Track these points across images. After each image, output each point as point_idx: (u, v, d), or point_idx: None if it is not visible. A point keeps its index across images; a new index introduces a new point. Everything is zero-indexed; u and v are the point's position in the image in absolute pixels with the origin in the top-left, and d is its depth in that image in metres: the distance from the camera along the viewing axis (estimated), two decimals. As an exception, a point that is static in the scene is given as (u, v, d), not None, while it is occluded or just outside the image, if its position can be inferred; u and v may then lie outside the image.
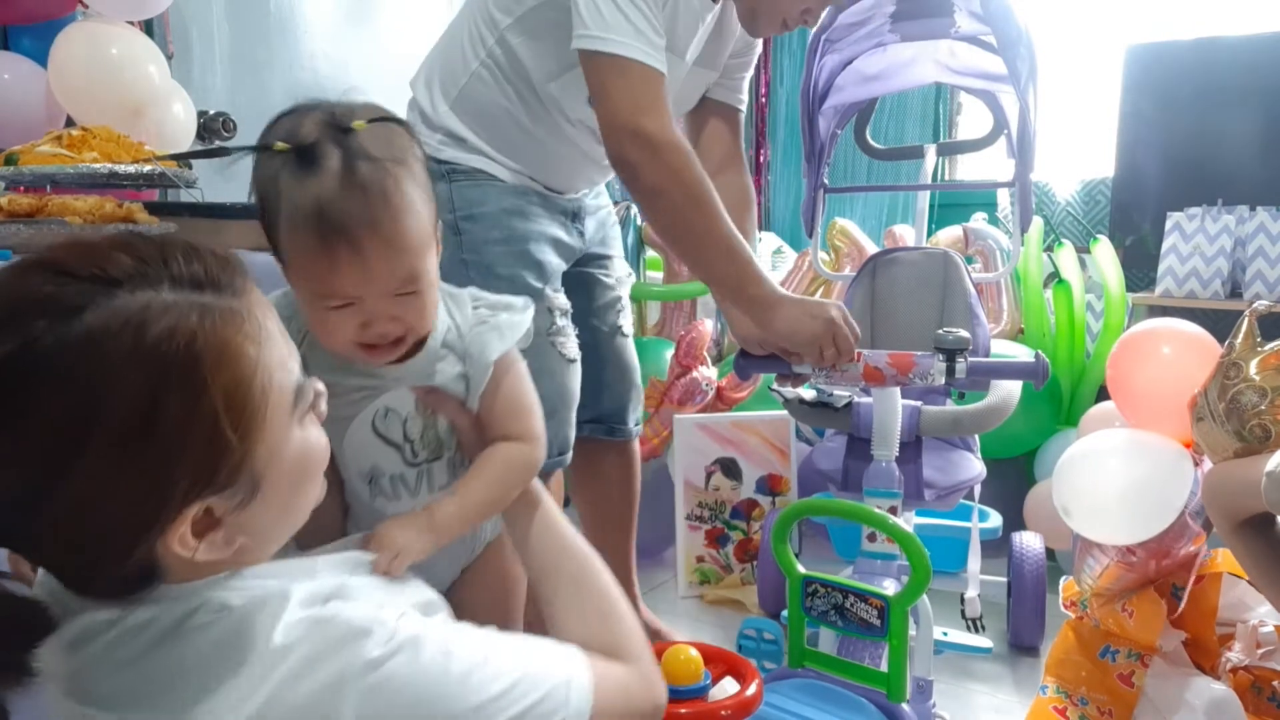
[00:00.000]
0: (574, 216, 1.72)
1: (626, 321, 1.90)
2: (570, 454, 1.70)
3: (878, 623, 1.22)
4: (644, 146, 1.37)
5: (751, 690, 0.96)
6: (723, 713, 0.94)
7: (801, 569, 1.29)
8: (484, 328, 0.95)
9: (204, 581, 0.66)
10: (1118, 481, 1.55)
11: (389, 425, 0.93)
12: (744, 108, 1.82)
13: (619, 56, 1.37)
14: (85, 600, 0.64)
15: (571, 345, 1.64)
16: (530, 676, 0.73)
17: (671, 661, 0.95)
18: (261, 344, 0.64)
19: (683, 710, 0.93)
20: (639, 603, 1.97)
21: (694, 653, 0.97)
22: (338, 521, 0.96)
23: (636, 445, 1.97)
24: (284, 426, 0.66)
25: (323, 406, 0.72)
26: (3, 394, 0.56)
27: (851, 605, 1.23)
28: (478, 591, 1.07)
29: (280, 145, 0.82)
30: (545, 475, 1.65)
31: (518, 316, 0.97)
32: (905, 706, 1.21)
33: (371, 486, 0.96)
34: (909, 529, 1.29)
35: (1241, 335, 1.26)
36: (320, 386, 0.72)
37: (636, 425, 1.94)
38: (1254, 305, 1.29)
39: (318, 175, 0.82)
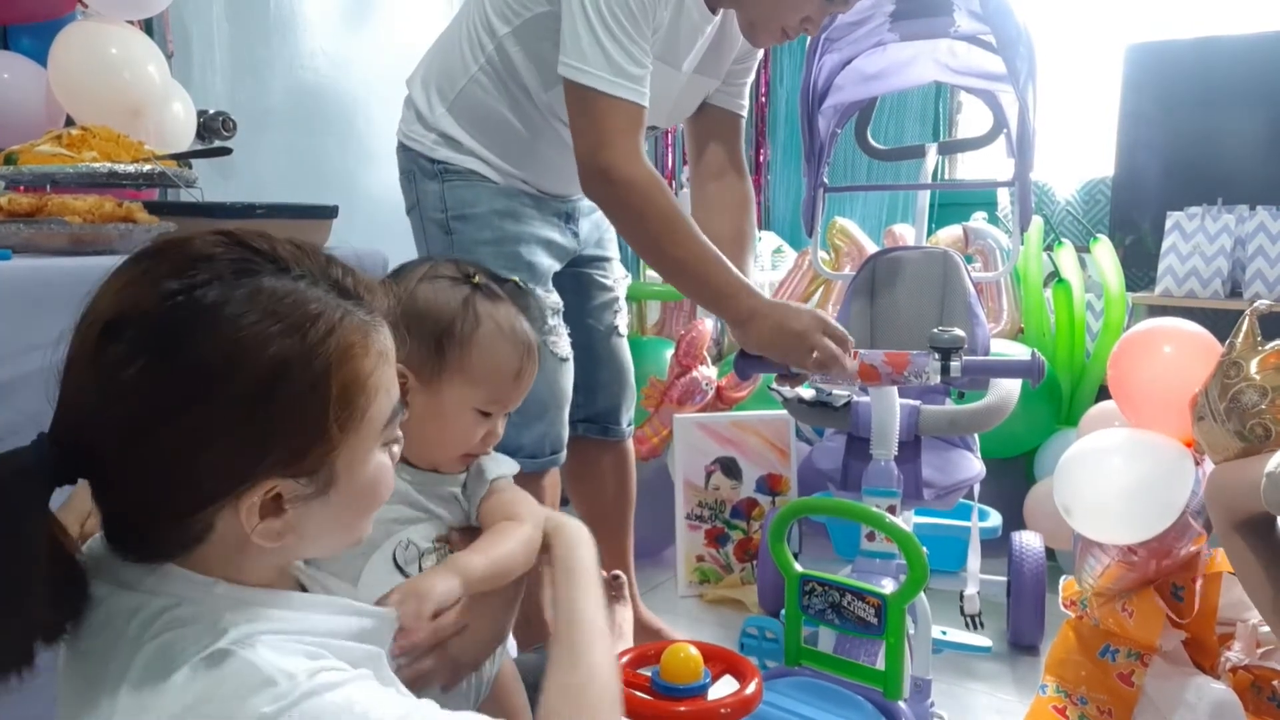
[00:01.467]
0: (567, 218, 1.73)
1: (622, 322, 1.91)
2: (564, 453, 1.70)
3: (875, 621, 1.22)
4: (605, 183, 1.42)
5: (751, 689, 0.96)
6: (722, 710, 0.94)
7: (799, 568, 1.30)
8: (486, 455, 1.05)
9: (202, 580, 0.66)
10: (1119, 481, 1.55)
11: (408, 558, 0.98)
12: (745, 113, 1.82)
13: (589, 89, 1.40)
14: (115, 563, 0.67)
15: (564, 344, 1.65)
16: None
17: (671, 659, 0.95)
18: (378, 360, 0.69)
19: (682, 708, 0.93)
20: (638, 602, 1.97)
21: (693, 651, 0.97)
22: None
23: (630, 445, 1.98)
24: (371, 441, 0.70)
25: (396, 450, 0.76)
26: (160, 327, 0.63)
27: (849, 604, 1.24)
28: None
29: (478, 277, 1.00)
30: (540, 474, 1.66)
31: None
32: (902, 705, 1.21)
33: None
34: (907, 528, 1.29)
35: (1242, 335, 1.26)
36: (399, 433, 0.75)
37: (630, 425, 1.95)
38: (1255, 305, 1.29)
39: (505, 304, 1.00)
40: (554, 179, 1.66)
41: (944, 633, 2.00)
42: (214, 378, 0.62)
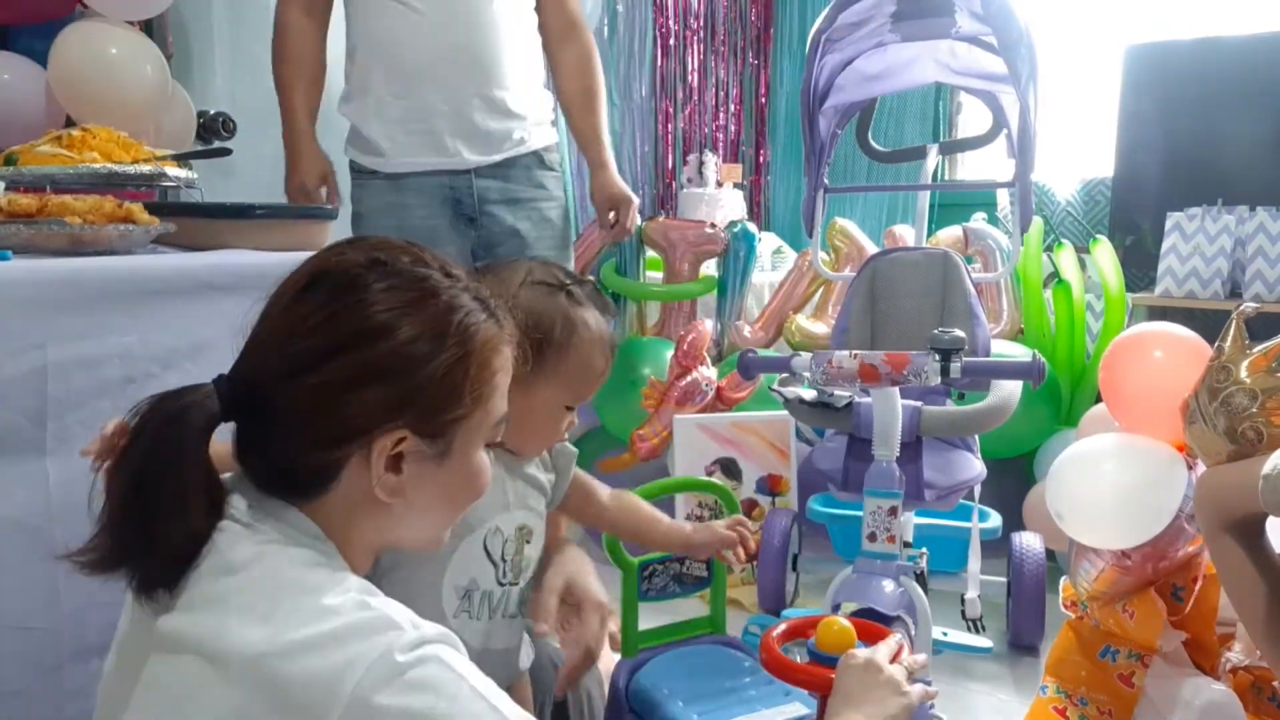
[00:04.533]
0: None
1: None
2: None
3: (706, 574, 1.41)
4: None
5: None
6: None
7: (631, 557, 1.36)
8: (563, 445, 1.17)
9: (318, 531, 0.76)
10: (1111, 486, 1.55)
11: (494, 543, 1.07)
12: None
13: None
14: (248, 492, 0.77)
15: None
16: None
17: (825, 632, 1.02)
18: (504, 365, 0.82)
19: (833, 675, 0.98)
20: None
21: (846, 623, 1.03)
22: None
23: None
24: (486, 430, 0.81)
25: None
26: (351, 282, 0.76)
27: (686, 568, 1.38)
28: None
29: (570, 283, 1.08)
30: None
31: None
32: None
33: (463, 600, 1.06)
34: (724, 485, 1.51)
35: (1230, 338, 1.26)
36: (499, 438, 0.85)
37: None
38: (1241, 307, 1.29)
39: (593, 309, 1.09)
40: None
41: (944, 634, 1.99)
42: (384, 329, 0.75)
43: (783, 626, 1.09)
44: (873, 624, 1.09)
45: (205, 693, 0.68)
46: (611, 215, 2.07)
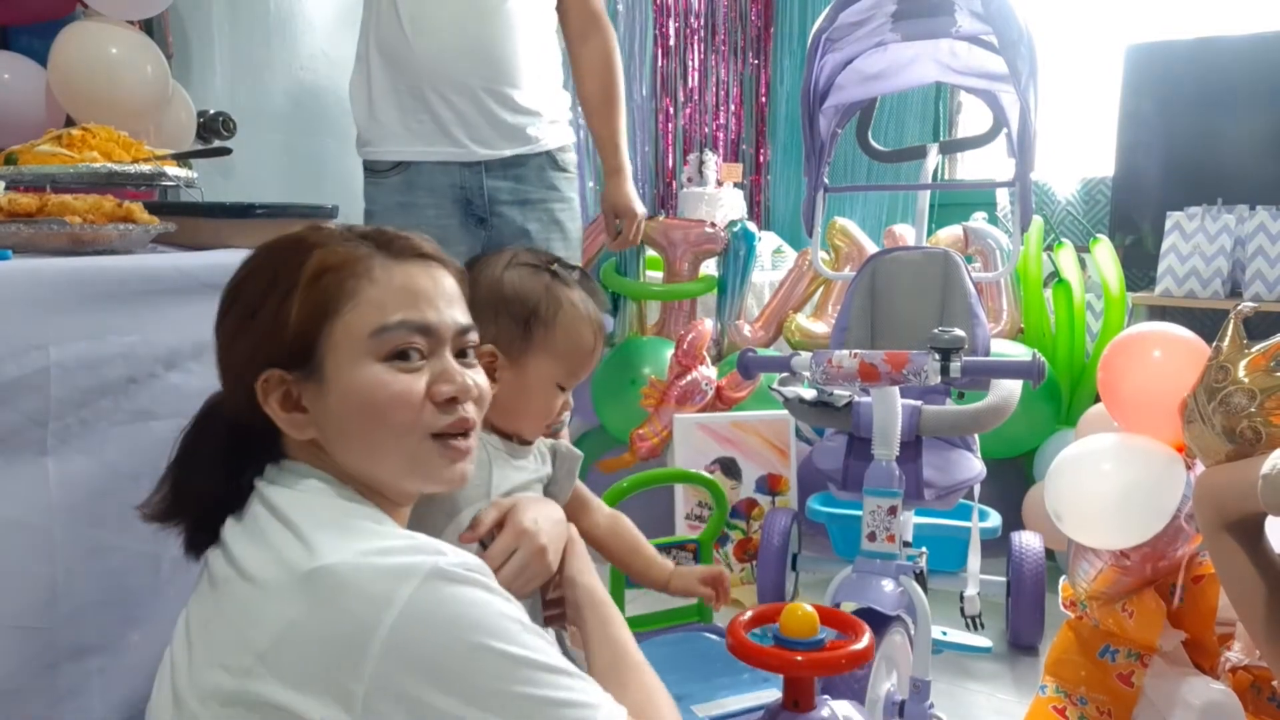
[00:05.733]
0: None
1: None
2: None
3: (694, 564, 1.46)
4: None
5: (862, 643, 1.04)
6: (842, 661, 1.04)
7: None
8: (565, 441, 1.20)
9: (325, 476, 0.83)
10: (1109, 486, 1.55)
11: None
12: None
13: None
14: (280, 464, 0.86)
15: None
16: (577, 683, 0.76)
17: (790, 617, 1.05)
18: (371, 281, 0.83)
19: (799, 658, 1.02)
20: None
21: (809, 609, 1.06)
22: None
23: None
24: (354, 347, 0.82)
25: (415, 380, 0.84)
26: (241, 263, 0.87)
27: (674, 557, 1.42)
28: None
29: (555, 265, 1.10)
30: None
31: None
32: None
33: None
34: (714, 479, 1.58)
35: (1228, 338, 1.26)
36: (444, 369, 0.85)
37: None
38: (1238, 307, 1.29)
39: (578, 288, 1.10)
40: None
41: (944, 633, 2.00)
42: (235, 289, 0.86)
43: (749, 613, 1.12)
44: (839, 612, 1.12)
45: (256, 611, 0.74)
46: (617, 222, 2.08)
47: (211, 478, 0.86)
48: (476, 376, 0.89)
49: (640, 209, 2.07)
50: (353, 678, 0.70)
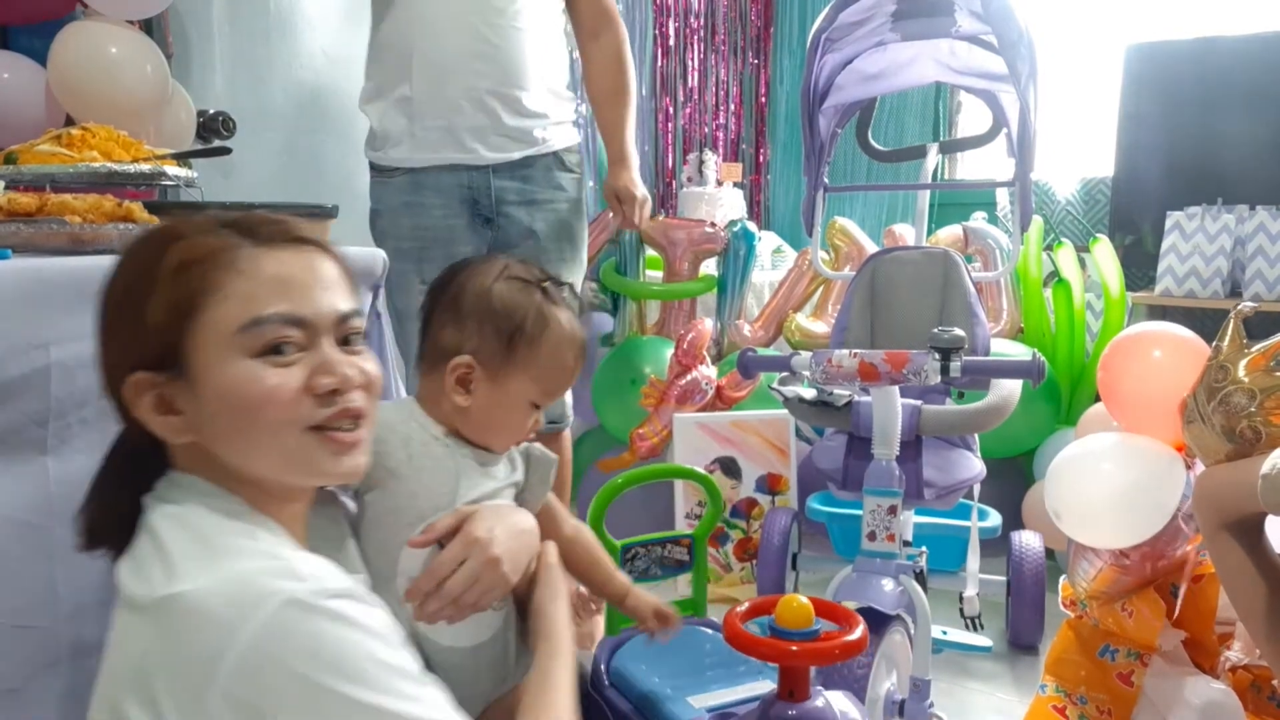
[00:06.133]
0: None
1: None
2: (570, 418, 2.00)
3: (687, 558, 1.47)
4: None
5: (855, 634, 1.05)
6: (836, 651, 1.04)
7: (614, 540, 1.41)
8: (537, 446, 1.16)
9: (208, 488, 0.81)
10: (1109, 486, 1.55)
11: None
12: None
13: None
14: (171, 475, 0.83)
15: None
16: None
17: (785, 609, 1.05)
18: (236, 273, 0.79)
19: (794, 647, 1.03)
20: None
21: (805, 600, 1.06)
22: None
23: (561, 440, 2.06)
24: (221, 345, 0.78)
25: (291, 374, 0.81)
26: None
27: (668, 552, 1.45)
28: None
29: (545, 281, 1.08)
30: (559, 433, 1.96)
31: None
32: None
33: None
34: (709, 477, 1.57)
35: (1228, 338, 1.26)
36: (324, 360, 0.81)
37: (550, 423, 2.00)
38: (1238, 307, 1.29)
39: (566, 307, 1.08)
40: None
41: (944, 633, 2.00)
42: (102, 299, 0.82)
43: (745, 605, 1.13)
44: (834, 604, 1.12)
45: (126, 636, 0.74)
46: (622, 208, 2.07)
47: (116, 498, 0.83)
48: (364, 364, 0.85)
49: (641, 191, 2.03)
50: (197, 710, 0.68)
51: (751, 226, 2.85)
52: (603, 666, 1.34)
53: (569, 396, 2.03)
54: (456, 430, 1.07)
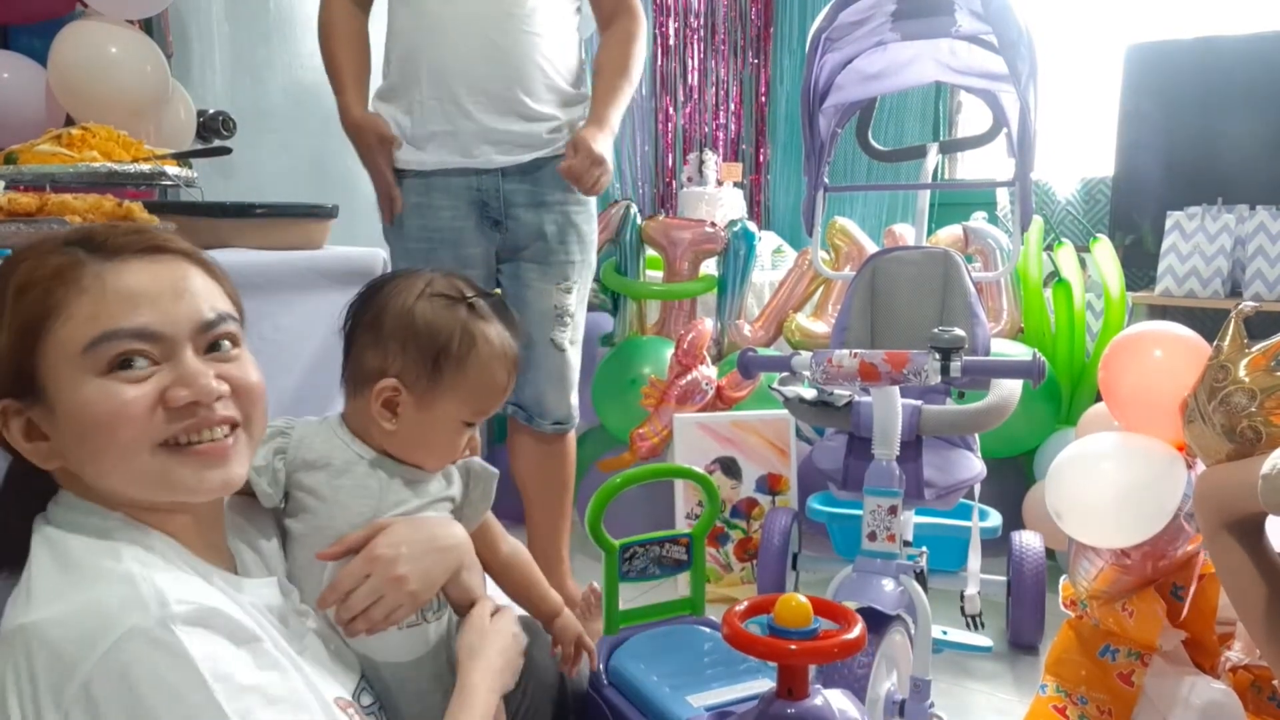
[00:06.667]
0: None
1: (564, 336, 1.99)
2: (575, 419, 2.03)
3: (685, 557, 1.48)
4: None
5: (854, 633, 1.05)
6: (835, 649, 1.04)
7: (612, 540, 1.42)
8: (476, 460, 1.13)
9: (87, 506, 0.80)
10: (1110, 485, 1.55)
11: None
12: None
13: None
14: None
15: (563, 337, 1.98)
16: None
17: (784, 607, 1.05)
18: (80, 291, 0.76)
19: (792, 646, 1.03)
20: (567, 578, 2.08)
21: (803, 599, 1.06)
22: None
23: (566, 443, 2.07)
24: (74, 364, 0.76)
25: (142, 388, 0.78)
26: None
27: (666, 551, 1.46)
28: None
29: (471, 295, 1.04)
30: (564, 434, 2.02)
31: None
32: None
33: None
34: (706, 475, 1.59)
35: (1229, 337, 1.26)
36: (180, 372, 0.79)
37: (558, 427, 2.02)
38: (1239, 306, 1.29)
39: (495, 322, 1.05)
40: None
41: (944, 632, 2.00)
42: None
43: (744, 604, 1.13)
44: (833, 603, 1.12)
45: None
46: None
47: (6, 519, 0.83)
48: (234, 370, 0.83)
49: (600, 151, 1.82)
50: None
51: (751, 226, 2.85)
52: (602, 666, 1.34)
53: (575, 398, 2.03)
54: (384, 450, 1.04)
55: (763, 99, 4.22)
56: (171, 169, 1.59)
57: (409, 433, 1.03)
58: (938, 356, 1.42)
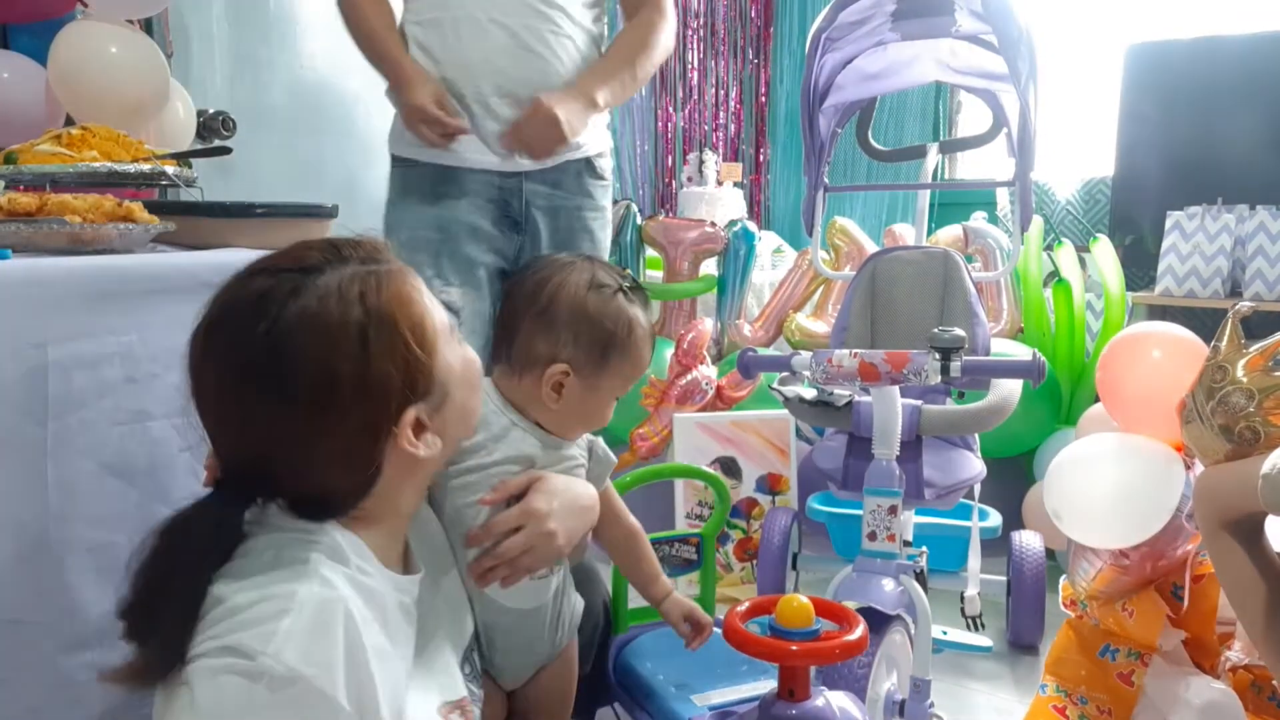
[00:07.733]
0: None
1: None
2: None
3: (695, 557, 1.51)
4: None
5: (855, 634, 1.06)
6: (836, 651, 1.06)
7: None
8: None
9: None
10: (1108, 486, 1.55)
11: None
12: None
13: None
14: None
15: None
16: None
17: (785, 608, 1.07)
18: (420, 290, 0.90)
19: (794, 647, 1.04)
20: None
21: (805, 600, 1.07)
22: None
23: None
24: (449, 344, 0.90)
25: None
26: (265, 367, 0.80)
27: (676, 550, 1.50)
28: (543, 687, 1.22)
29: (626, 284, 1.16)
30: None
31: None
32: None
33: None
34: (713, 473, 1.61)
35: (1226, 337, 1.26)
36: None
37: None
38: (1236, 307, 1.28)
39: (643, 306, 1.18)
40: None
41: (944, 632, 2.00)
42: (326, 380, 0.82)
43: (746, 605, 1.14)
44: (834, 604, 1.13)
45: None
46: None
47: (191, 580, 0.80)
48: None
49: (560, 113, 1.65)
50: None
51: (751, 226, 2.85)
52: (610, 664, 1.35)
53: None
54: (537, 421, 1.15)
55: (763, 99, 4.22)
56: (171, 169, 1.58)
57: (570, 410, 1.14)
58: (938, 356, 1.42)
